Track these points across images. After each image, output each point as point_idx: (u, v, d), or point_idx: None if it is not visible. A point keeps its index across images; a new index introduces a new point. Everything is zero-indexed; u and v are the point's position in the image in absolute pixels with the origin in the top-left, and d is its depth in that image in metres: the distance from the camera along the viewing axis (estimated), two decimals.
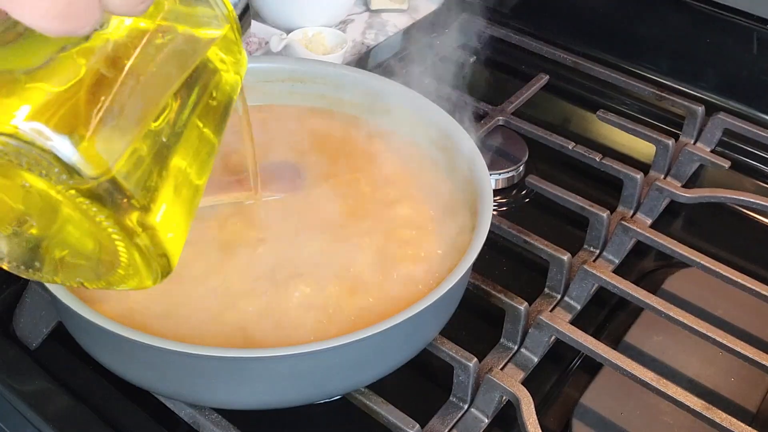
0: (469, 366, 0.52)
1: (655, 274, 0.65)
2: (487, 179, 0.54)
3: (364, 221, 0.55)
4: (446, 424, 0.52)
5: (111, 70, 0.33)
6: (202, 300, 0.49)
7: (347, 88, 0.63)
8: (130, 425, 0.51)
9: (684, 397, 0.51)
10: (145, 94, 0.34)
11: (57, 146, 0.30)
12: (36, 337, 0.54)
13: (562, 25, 0.92)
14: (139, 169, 0.33)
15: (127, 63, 0.33)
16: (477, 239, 0.49)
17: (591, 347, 0.54)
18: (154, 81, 0.34)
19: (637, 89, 0.82)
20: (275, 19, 0.86)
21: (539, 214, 0.71)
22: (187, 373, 0.45)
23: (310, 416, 0.53)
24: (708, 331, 0.55)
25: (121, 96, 0.33)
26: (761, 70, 0.82)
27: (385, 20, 0.93)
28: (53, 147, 0.30)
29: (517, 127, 0.76)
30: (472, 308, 0.58)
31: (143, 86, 0.34)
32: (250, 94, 0.63)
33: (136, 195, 0.32)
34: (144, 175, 0.33)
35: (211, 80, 0.38)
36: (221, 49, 0.39)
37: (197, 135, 0.37)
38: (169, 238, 0.35)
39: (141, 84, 0.34)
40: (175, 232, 0.35)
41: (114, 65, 0.33)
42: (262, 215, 0.55)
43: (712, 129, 0.78)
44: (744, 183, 0.77)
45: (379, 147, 0.61)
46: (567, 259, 0.60)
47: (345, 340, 0.42)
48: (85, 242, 0.34)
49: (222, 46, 0.39)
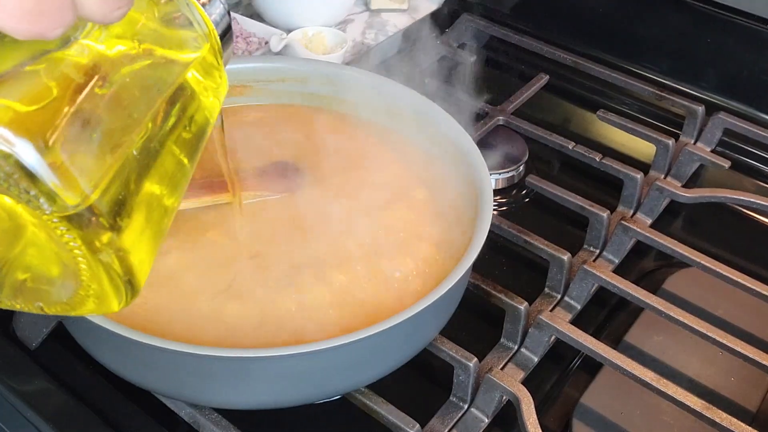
0: (469, 366, 0.52)
1: (655, 274, 0.65)
2: (487, 179, 0.54)
3: (364, 221, 0.55)
4: (446, 424, 0.52)
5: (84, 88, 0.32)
6: (202, 300, 0.49)
7: (347, 88, 0.63)
8: (130, 425, 0.51)
9: (684, 396, 0.51)
10: (120, 114, 0.33)
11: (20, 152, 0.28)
12: (36, 337, 0.54)
13: (562, 25, 0.92)
14: (111, 190, 0.32)
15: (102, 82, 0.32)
16: (477, 239, 0.49)
17: (591, 347, 0.54)
18: (129, 102, 0.33)
19: (637, 89, 0.82)
20: (275, 19, 0.86)
21: (539, 214, 0.71)
22: (187, 373, 0.45)
23: (310, 416, 0.53)
24: (708, 330, 0.55)
25: (94, 114, 0.31)
26: (761, 70, 0.82)
27: (385, 20, 0.93)
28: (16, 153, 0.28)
29: (517, 127, 0.76)
30: (472, 308, 0.58)
31: (117, 106, 0.33)
32: (250, 93, 0.64)
33: (106, 216, 0.31)
34: (116, 196, 0.32)
35: (190, 104, 0.37)
36: (201, 73, 0.38)
37: (172, 158, 0.36)
38: (138, 260, 0.34)
39: (115, 104, 0.33)
40: (144, 254, 0.34)
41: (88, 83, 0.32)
42: (261, 215, 0.55)
43: (712, 129, 0.78)
44: (744, 183, 0.77)
45: (379, 147, 0.61)
46: (567, 259, 0.60)
47: (345, 340, 0.42)
48: (47, 265, 0.33)
49: (201, 69, 0.38)
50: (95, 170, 0.31)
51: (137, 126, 0.33)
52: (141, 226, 0.34)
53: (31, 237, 0.32)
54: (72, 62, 0.32)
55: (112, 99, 0.33)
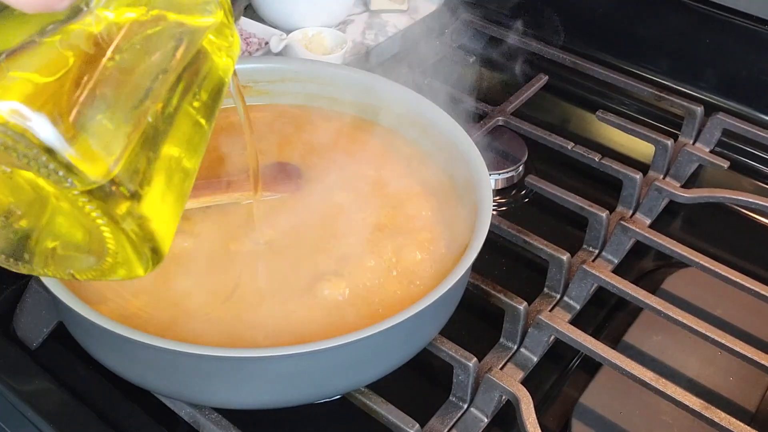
0: (468, 366, 0.52)
1: (655, 274, 0.65)
2: (487, 179, 0.54)
3: (363, 221, 0.55)
4: (446, 424, 0.52)
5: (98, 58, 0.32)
6: (202, 300, 0.49)
7: (347, 88, 0.63)
8: (130, 425, 0.51)
9: (683, 396, 0.51)
10: (135, 83, 0.33)
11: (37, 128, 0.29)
12: (36, 337, 0.54)
13: (562, 25, 0.92)
14: (131, 159, 0.32)
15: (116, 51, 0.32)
16: (477, 239, 0.49)
17: (590, 347, 0.54)
18: (143, 70, 0.33)
19: (636, 89, 0.82)
20: (275, 19, 0.86)
21: (539, 214, 0.71)
22: (187, 373, 0.45)
23: (310, 416, 0.53)
24: (707, 330, 0.55)
25: (109, 84, 0.31)
26: (761, 70, 0.82)
27: (385, 20, 0.93)
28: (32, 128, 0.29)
29: (516, 127, 0.76)
30: (472, 308, 0.58)
31: (132, 75, 0.33)
32: (250, 94, 0.64)
33: (126, 184, 0.32)
34: (134, 163, 0.32)
35: (203, 66, 0.37)
36: (213, 33, 0.38)
37: (189, 120, 0.36)
38: (160, 226, 0.34)
39: (129, 72, 0.33)
40: (167, 219, 0.34)
41: (101, 53, 0.32)
42: (262, 215, 0.55)
43: (711, 129, 0.78)
44: (743, 183, 0.77)
45: (379, 147, 0.61)
46: (566, 259, 0.60)
47: (345, 340, 0.42)
48: (75, 232, 0.33)
49: (214, 30, 0.38)
50: (114, 141, 0.31)
51: (153, 94, 0.33)
52: (161, 191, 0.34)
53: (56, 207, 0.32)
54: (84, 33, 0.32)
55: (125, 68, 0.32)
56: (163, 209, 0.34)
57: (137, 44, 0.33)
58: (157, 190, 0.34)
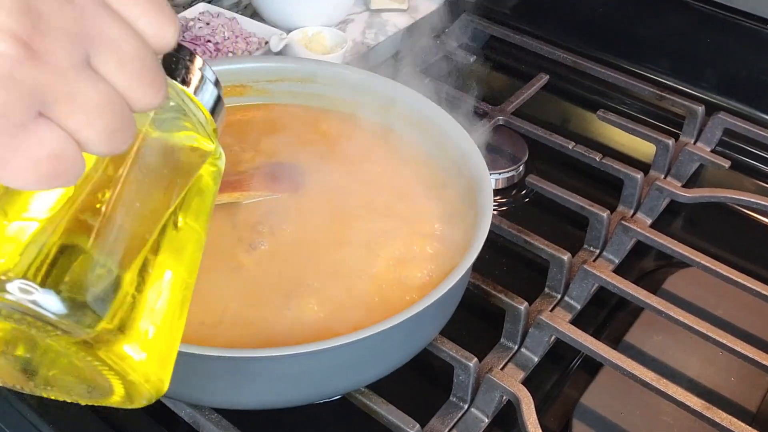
0: (469, 366, 0.52)
1: (656, 274, 0.65)
2: (487, 179, 0.54)
3: (364, 221, 0.55)
4: (446, 424, 0.52)
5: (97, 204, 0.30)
6: (202, 300, 0.49)
7: (347, 88, 0.63)
8: (130, 425, 0.51)
9: (684, 396, 0.51)
10: (134, 228, 0.31)
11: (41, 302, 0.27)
12: None
13: (563, 25, 0.92)
14: (123, 303, 0.30)
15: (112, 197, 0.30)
16: (477, 239, 0.49)
17: (591, 347, 0.54)
18: (143, 214, 0.32)
19: (637, 89, 0.82)
20: (275, 19, 0.86)
21: (539, 213, 0.71)
22: (187, 373, 0.45)
23: (310, 416, 0.53)
24: (708, 330, 0.55)
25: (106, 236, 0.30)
26: (761, 70, 0.82)
27: (385, 20, 0.93)
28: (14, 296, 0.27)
29: (517, 126, 0.76)
30: (472, 308, 0.58)
31: (132, 218, 0.31)
32: (249, 93, 0.64)
33: (118, 330, 0.30)
34: (128, 308, 0.30)
35: (195, 186, 0.35)
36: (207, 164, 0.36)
37: (186, 234, 0.34)
38: (158, 361, 0.32)
39: (129, 216, 0.31)
40: (165, 348, 0.33)
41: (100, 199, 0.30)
42: (262, 215, 0.55)
43: (712, 129, 0.78)
44: (744, 183, 0.77)
45: (379, 147, 0.61)
46: (567, 259, 0.60)
47: (345, 340, 0.42)
48: (71, 369, 0.32)
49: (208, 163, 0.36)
50: (103, 290, 0.30)
51: (144, 237, 0.32)
52: (161, 320, 0.32)
53: (48, 345, 0.30)
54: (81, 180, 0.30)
55: (123, 207, 0.31)
56: (160, 341, 0.32)
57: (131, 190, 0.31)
58: (157, 322, 0.32)
